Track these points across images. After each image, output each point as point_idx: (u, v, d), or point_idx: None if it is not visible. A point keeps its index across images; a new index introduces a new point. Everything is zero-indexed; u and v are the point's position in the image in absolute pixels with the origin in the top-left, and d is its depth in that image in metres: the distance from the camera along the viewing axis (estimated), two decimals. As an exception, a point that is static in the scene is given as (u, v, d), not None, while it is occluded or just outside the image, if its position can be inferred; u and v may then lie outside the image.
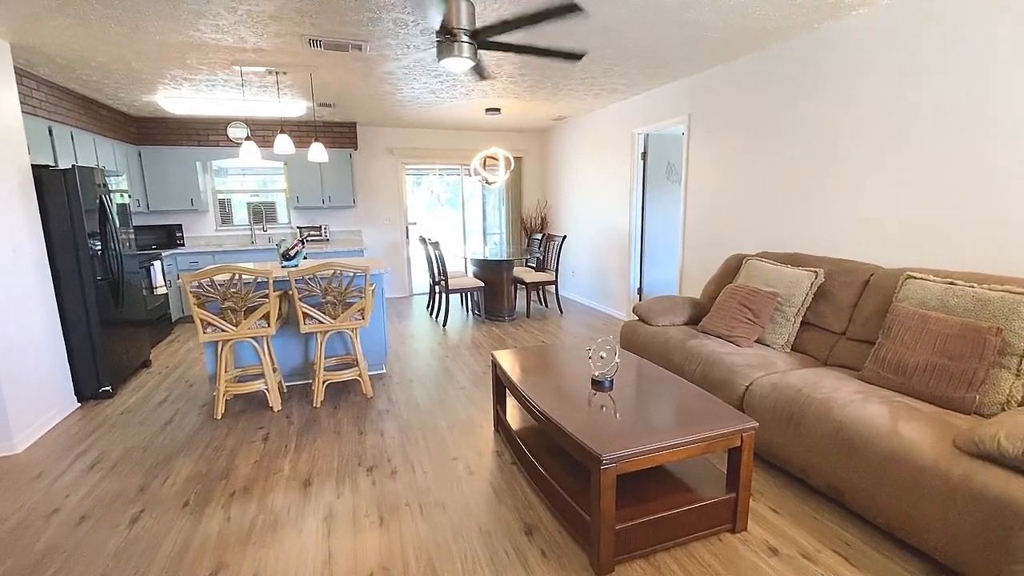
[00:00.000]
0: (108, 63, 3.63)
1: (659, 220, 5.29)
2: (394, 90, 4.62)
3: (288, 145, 4.00)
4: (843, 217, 3.13)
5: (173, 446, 2.88)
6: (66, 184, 3.40)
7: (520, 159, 7.53)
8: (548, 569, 1.85)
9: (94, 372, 3.61)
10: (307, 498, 2.33)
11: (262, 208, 6.64)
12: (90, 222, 3.56)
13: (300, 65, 3.77)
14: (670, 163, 5.06)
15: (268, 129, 6.19)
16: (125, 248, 4.12)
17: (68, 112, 4.26)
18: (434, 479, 2.47)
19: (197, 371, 4.19)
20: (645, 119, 4.97)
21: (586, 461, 1.79)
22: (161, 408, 3.43)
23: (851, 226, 3.09)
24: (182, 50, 3.35)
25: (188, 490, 2.43)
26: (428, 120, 6.31)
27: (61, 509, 2.31)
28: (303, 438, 2.93)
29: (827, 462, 2.09)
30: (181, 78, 4.08)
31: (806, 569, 1.83)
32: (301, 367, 3.85)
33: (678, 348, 3.02)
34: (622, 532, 1.82)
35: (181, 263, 5.81)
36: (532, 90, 4.71)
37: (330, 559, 1.93)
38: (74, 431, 3.12)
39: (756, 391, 2.47)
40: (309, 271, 3.20)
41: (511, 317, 5.80)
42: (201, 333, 3.08)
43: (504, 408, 2.86)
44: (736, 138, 3.91)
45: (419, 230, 7.52)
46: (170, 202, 5.95)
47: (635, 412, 2.06)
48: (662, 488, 2.06)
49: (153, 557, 1.96)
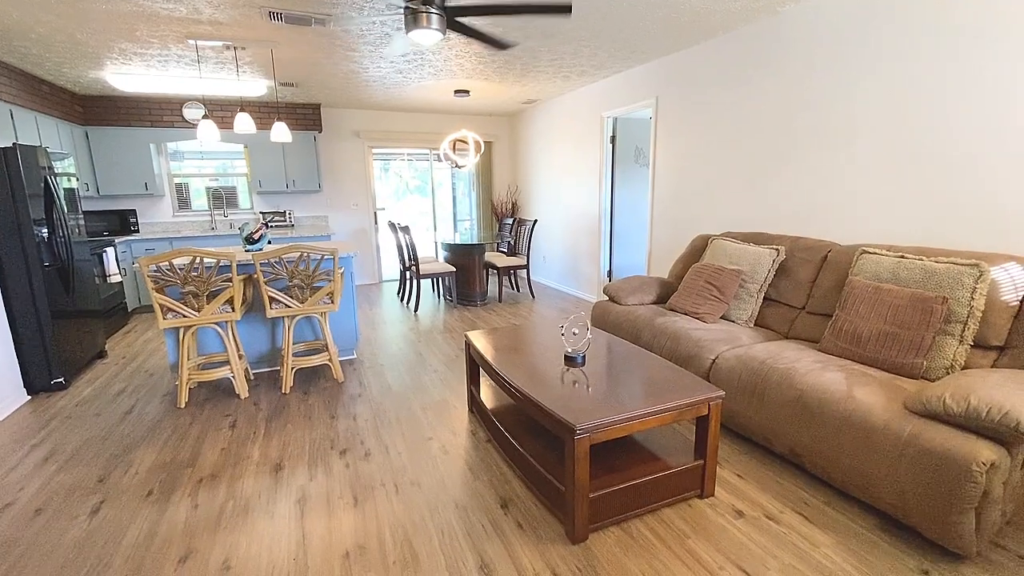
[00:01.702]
0: (49, 34, 3.40)
1: (628, 203, 5.36)
2: (360, 69, 4.50)
3: (249, 124, 3.85)
4: (803, 197, 3.24)
5: (134, 436, 2.77)
6: (7, 164, 3.18)
7: (490, 144, 7.47)
8: (525, 540, 1.88)
9: (45, 363, 3.42)
10: (278, 483, 2.29)
11: (222, 193, 6.39)
12: (35, 206, 3.36)
13: (260, 40, 3.62)
14: (638, 147, 5.12)
15: (227, 110, 5.93)
16: (74, 234, 3.90)
17: (5, 88, 3.98)
18: (409, 459, 2.47)
19: (157, 360, 4.04)
20: (614, 102, 5.01)
21: (561, 433, 1.82)
22: (119, 399, 3.30)
23: (810, 205, 3.20)
24: (131, 20, 3.17)
25: (152, 479, 2.35)
26: (396, 102, 6.18)
27: (14, 503, 2.20)
28: (272, 424, 2.87)
29: (788, 428, 2.19)
30: (131, 52, 3.86)
31: (770, 529, 1.91)
32: (268, 353, 3.76)
33: (647, 326, 3.08)
34: (596, 500, 1.87)
35: (136, 250, 5.55)
36: (501, 72, 4.66)
37: (304, 540, 1.90)
38: (25, 424, 2.97)
39: (722, 364, 2.56)
40: (274, 254, 3.11)
41: (483, 302, 5.80)
42: (161, 319, 2.96)
43: (478, 388, 2.87)
44: (701, 121, 3.99)
45: (388, 216, 7.40)
46: (122, 186, 5.65)
47: (607, 385, 2.10)
48: (633, 458, 2.12)
49: (117, 546, 1.90)
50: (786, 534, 1.89)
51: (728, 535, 1.89)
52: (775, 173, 3.41)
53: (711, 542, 1.85)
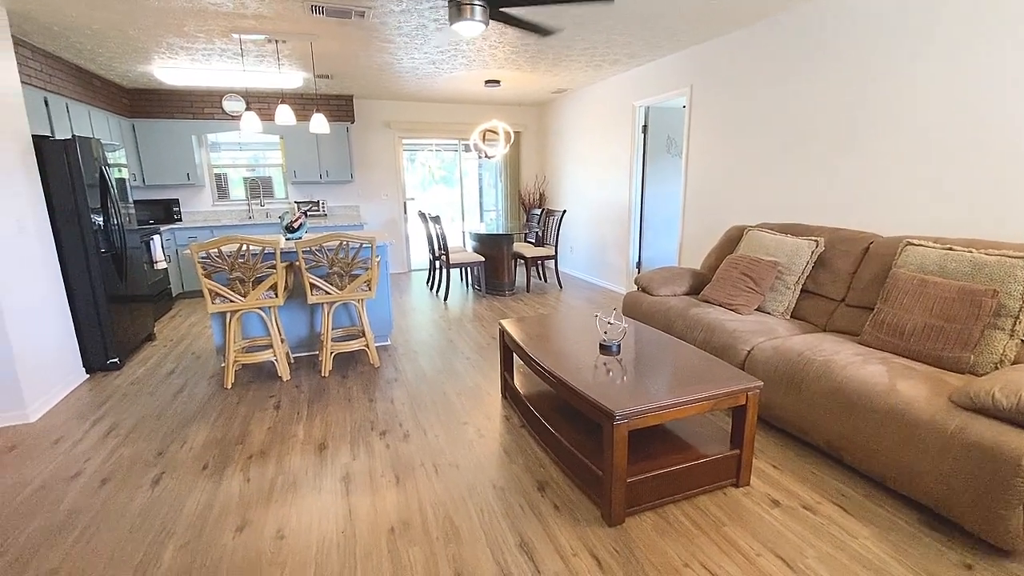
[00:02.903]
0: (104, 30, 3.55)
1: (659, 194, 5.31)
2: (394, 60, 4.56)
3: (289, 116, 3.96)
4: (843, 187, 3.17)
5: (186, 414, 2.93)
6: (67, 155, 3.36)
7: (519, 134, 7.47)
8: (562, 521, 1.93)
9: (101, 344, 3.63)
10: (323, 460, 2.40)
11: (259, 183, 6.58)
12: (92, 196, 3.54)
13: (300, 33, 3.71)
14: (670, 136, 5.06)
15: (264, 102, 6.09)
16: (126, 223, 4.09)
17: (63, 82, 4.18)
18: (446, 442, 2.55)
19: (202, 343, 4.23)
20: (646, 91, 4.95)
21: (599, 419, 1.86)
22: (170, 379, 3.47)
23: (850, 196, 3.13)
24: (180, 16, 3.29)
25: (206, 454, 2.49)
26: (426, 93, 6.23)
27: (82, 473, 2.36)
28: (314, 405, 2.99)
29: (826, 420, 2.18)
30: (178, 47, 4.00)
31: (807, 519, 1.92)
32: (307, 338, 3.89)
33: (680, 316, 3.08)
34: (632, 485, 1.90)
35: (179, 238, 5.78)
36: (534, 60, 4.66)
37: (351, 515, 2.00)
38: (86, 401, 3.16)
39: (757, 355, 2.55)
40: (316, 242, 3.21)
41: (511, 291, 5.85)
42: (209, 303, 3.11)
43: (512, 375, 2.93)
44: (737, 109, 3.92)
45: (416, 206, 7.50)
46: (166, 176, 5.89)
47: (644, 373, 2.13)
48: (668, 445, 2.14)
49: (178, 515, 2.03)
50: (824, 524, 1.89)
51: (764, 523, 1.90)
52: (813, 163, 3.35)
53: (747, 529, 1.87)
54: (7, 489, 2.24)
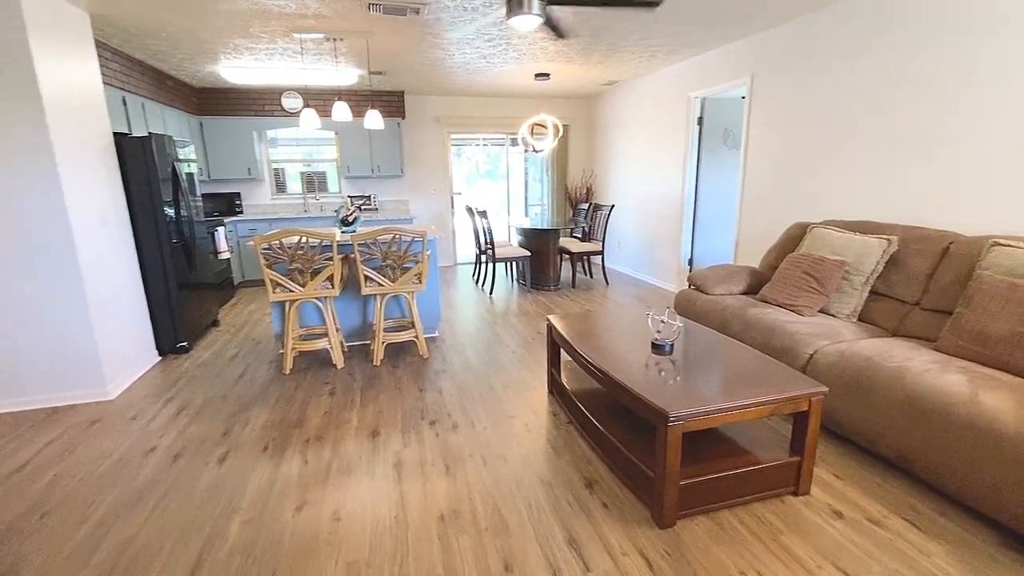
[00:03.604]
0: (176, 33, 3.77)
1: (714, 188, 5.13)
2: (446, 56, 4.61)
3: (346, 112, 4.09)
4: (917, 183, 2.96)
5: (248, 397, 3.09)
6: (144, 151, 3.60)
7: (567, 127, 7.40)
8: (611, 520, 1.91)
9: (172, 329, 3.88)
10: (376, 447, 2.48)
11: (314, 177, 6.83)
12: (165, 189, 3.77)
13: (357, 31, 3.80)
14: (727, 128, 4.87)
15: (320, 98, 6.30)
16: (195, 215, 4.35)
17: (139, 83, 4.47)
18: (494, 434, 2.57)
19: (262, 330, 4.44)
20: (703, 82, 4.78)
21: (652, 419, 1.83)
22: (233, 363, 3.67)
23: (925, 192, 2.92)
24: (246, 18, 3.44)
25: (266, 436, 2.62)
26: (476, 87, 6.26)
27: (156, 448, 2.54)
28: (367, 393, 3.09)
29: (897, 431, 2.05)
30: (243, 47, 4.19)
31: (873, 533, 1.82)
32: (359, 328, 4.02)
33: (737, 317, 2.97)
34: (685, 488, 1.86)
35: (240, 230, 6.09)
36: (586, 52, 4.59)
37: (402, 500, 2.05)
38: (158, 381, 3.39)
39: (821, 360, 2.42)
40: (370, 235, 3.30)
41: (556, 287, 5.82)
42: (271, 293, 3.26)
43: (559, 370, 2.92)
44: (801, 100, 3.72)
45: (462, 201, 7.58)
46: (229, 171, 6.20)
47: (699, 374, 2.07)
48: (723, 449, 2.08)
49: (243, 491, 2.15)
50: (891, 540, 1.79)
51: (825, 535, 1.82)
52: (883, 157, 3.13)
53: (807, 540, 1.79)
54: (90, 461, 2.44)
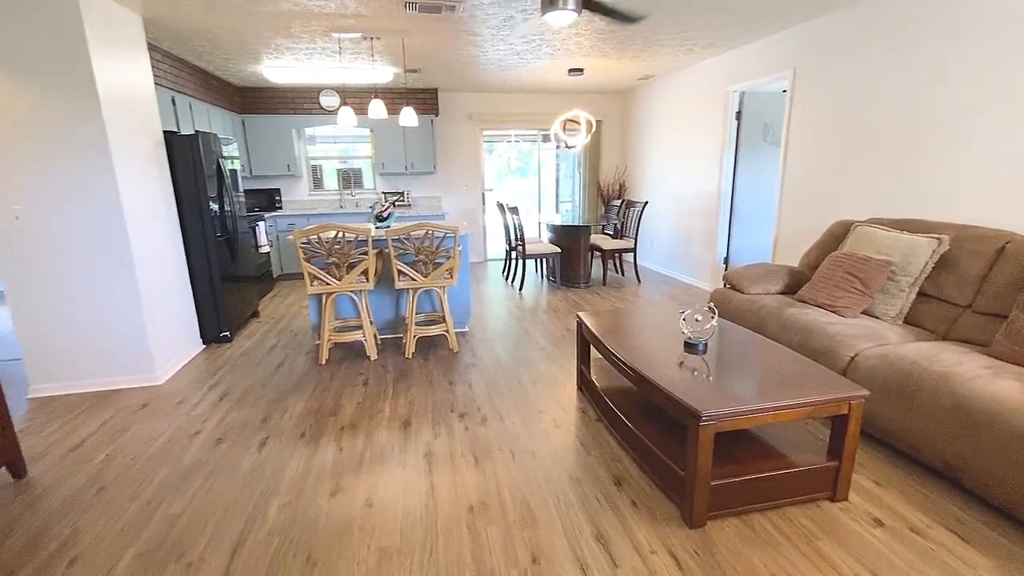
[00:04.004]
0: (222, 35, 3.92)
1: (751, 185, 4.99)
2: (479, 52, 4.63)
3: (381, 110, 4.17)
4: (968, 180, 2.81)
5: (286, 385, 3.20)
6: (191, 149, 3.76)
7: (600, 123, 7.33)
8: (639, 518, 1.90)
9: (215, 319, 4.05)
10: (407, 437, 2.53)
11: (350, 174, 6.99)
12: (210, 185, 3.93)
13: (393, 30, 3.87)
14: (767, 123, 4.73)
15: (357, 96, 6.44)
16: (237, 210, 4.52)
17: (186, 83, 4.67)
18: (522, 429, 2.59)
19: (299, 322, 4.59)
20: (742, 75, 4.66)
21: (684, 418, 1.81)
22: (272, 353, 3.81)
23: (979, 190, 2.77)
24: (288, 19, 3.55)
25: (303, 423, 2.71)
26: (509, 84, 6.28)
27: (202, 432, 2.66)
28: (399, 385, 3.16)
29: (943, 439, 1.96)
30: (284, 47, 4.32)
31: (914, 542, 1.75)
32: (392, 321, 4.10)
33: (774, 317, 2.89)
34: (716, 489, 1.83)
35: (280, 225, 6.29)
36: (620, 47, 4.54)
37: (432, 490, 2.10)
38: (203, 368, 3.55)
39: (862, 363, 2.34)
40: (404, 231, 3.37)
41: (586, 284, 5.79)
42: (309, 286, 3.36)
43: (589, 367, 2.91)
44: (846, 93, 3.58)
45: (493, 197, 7.61)
46: (269, 168, 6.41)
47: (733, 374, 2.03)
48: (757, 450, 2.04)
49: (282, 476, 2.23)
50: (934, 550, 1.72)
51: (864, 542, 1.76)
52: (932, 154, 2.98)
53: (843, 547, 1.74)
54: (141, 441, 2.58)
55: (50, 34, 2.77)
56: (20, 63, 2.78)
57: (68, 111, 2.87)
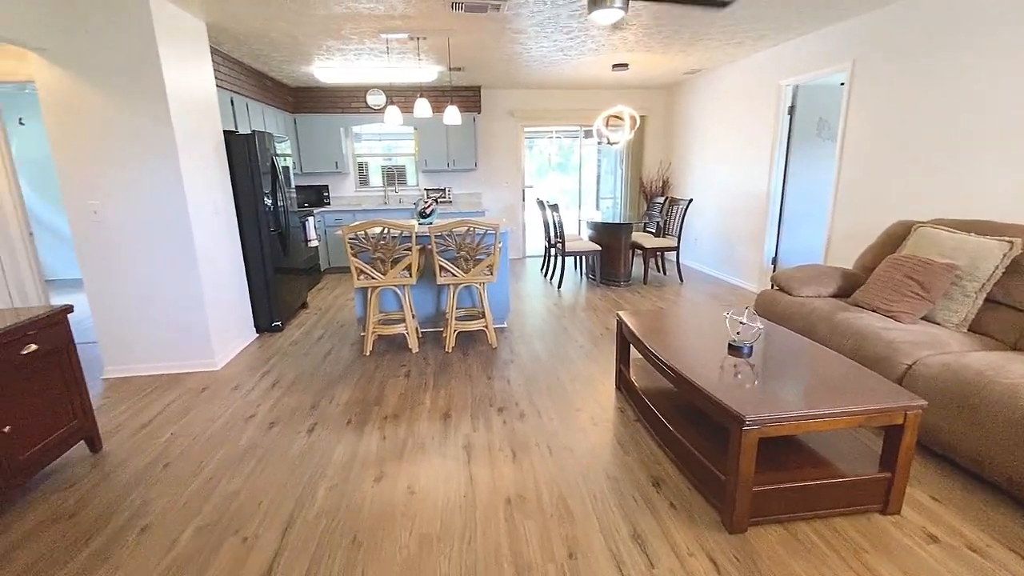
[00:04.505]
0: (278, 38, 4.09)
1: (803, 182, 4.80)
2: (523, 50, 4.65)
3: (426, 108, 4.26)
4: (1055, 177, 2.61)
5: (333, 374, 3.34)
6: (248, 147, 3.96)
7: (643, 118, 7.20)
8: (678, 520, 1.89)
9: (268, 309, 4.26)
10: (447, 428, 2.60)
11: (394, 171, 7.17)
12: (265, 182, 4.13)
13: (439, 30, 3.94)
14: (822, 118, 4.52)
15: (402, 95, 6.58)
16: (289, 205, 4.72)
17: (244, 84, 4.91)
18: (560, 425, 2.61)
19: (345, 314, 4.76)
20: (796, 68, 4.47)
21: (726, 422, 1.78)
22: (320, 342, 3.97)
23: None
24: (340, 21, 3.67)
25: (349, 411, 2.82)
26: (551, 80, 6.26)
27: (256, 415, 2.82)
28: (439, 377, 3.24)
29: (1009, 454, 1.85)
30: (335, 48, 4.47)
31: (972, 561, 1.66)
32: (433, 316, 4.20)
33: (824, 320, 2.79)
34: (758, 495, 1.80)
35: (328, 220, 6.52)
36: (667, 42, 4.45)
37: (471, 481, 2.15)
38: (256, 356, 3.75)
39: (921, 371, 2.23)
40: (446, 227, 3.43)
41: (627, 282, 5.72)
42: (355, 279, 3.49)
43: (628, 367, 2.89)
44: (909, 87, 3.38)
45: (533, 193, 7.62)
46: (319, 165, 6.65)
47: (779, 378, 1.98)
48: (802, 458, 1.98)
49: (329, 460, 2.34)
50: (994, 570, 1.63)
51: (916, 559, 1.69)
52: (1003, 150, 2.78)
53: (894, 562, 1.67)
54: (202, 422, 2.76)
55: (125, 41, 2.98)
56: (97, 69, 3.00)
57: (140, 113, 3.09)
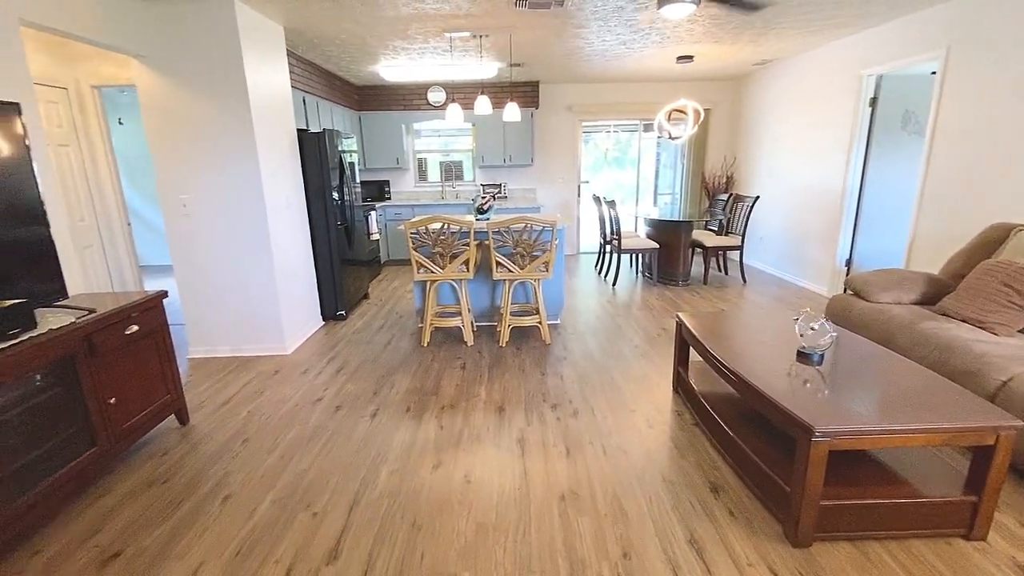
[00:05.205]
0: (348, 40, 4.27)
1: (884, 180, 4.47)
2: (585, 44, 4.60)
3: (487, 105, 4.31)
4: None
5: (393, 363, 3.48)
6: (318, 144, 4.17)
7: (708, 111, 6.94)
8: (737, 529, 1.84)
9: (333, 298, 4.48)
10: (502, 422, 2.65)
11: (452, 166, 7.31)
12: (333, 177, 4.34)
13: (502, 27, 3.97)
14: (908, 110, 4.19)
15: (461, 92, 6.69)
16: (354, 199, 4.93)
17: (315, 84, 5.16)
18: (614, 425, 2.60)
19: (404, 305, 4.93)
20: (880, 56, 4.17)
21: (793, 432, 1.71)
22: (381, 332, 4.14)
23: None
24: (407, 22, 3.78)
25: (408, 400, 2.94)
26: (612, 74, 6.16)
27: (323, 399, 2.99)
28: (493, 371, 3.30)
29: (1124, 486, 1.67)
30: (400, 48, 4.61)
31: (1075, 601, 1.52)
32: (487, 310, 4.27)
33: (905, 329, 2.60)
34: (826, 509, 1.72)
35: (388, 214, 6.75)
36: (737, 32, 4.26)
37: (526, 474, 2.19)
38: (322, 342, 3.96)
39: (1017, 388, 2.04)
40: (504, 223, 3.48)
41: (685, 282, 5.57)
42: (415, 273, 3.60)
43: (687, 370, 2.83)
44: (1013, 76, 3.07)
45: (588, 189, 7.53)
46: (381, 161, 6.89)
47: (852, 389, 1.88)
48: (876, 474, 1.87)
49: (390, 445, 2.45)
50: (1102, 615, 1.48)
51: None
52: None
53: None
54: (275, 403, 2.95)
55: (214, 47, 3.22)
56: (189, 73, 3.26)
57: (225, 114, 3.32)
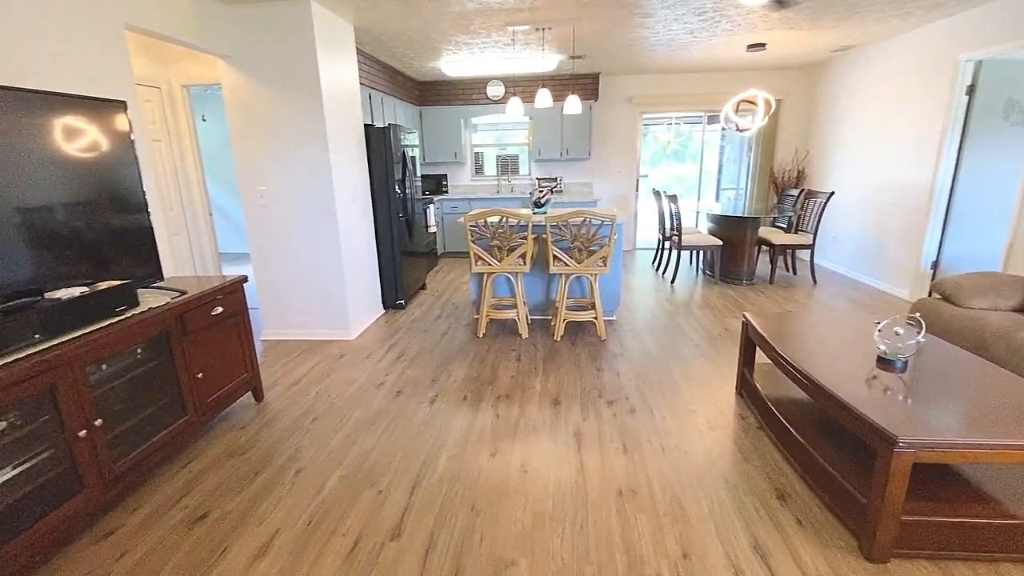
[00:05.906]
0: (413, 36, 4.38)
1: (980, 175, 4.08)
2: (650, 34, 4.48)
3: (547, 99, 4.30)
4: None
5: (450, 352, 3.57)
6: (384, 139, 4.31)
7: (778, 102, 6.59)
8: (805, 538, 1.76)
9: (393, 288, 4.64)
10: (557, 415, 2.66)
11: (507, 160, 7.35)
12: (396, 171, 4.48)
13: (565, 19, 3.94)
14: (1012, 98, 3.79)
15: (519, 85, 6.70)
16: (415, 193, 5.07)
17: (380, 80, 5.33)
18: (673, 424, 2.54)
19: (460, 296, 5.03)
20: (979, 40, 3.80)
21: (872, 441, 1.61)
22: (438, 322, 4.25)
23: None
24: (470, 17, 3.83)
25: (465, 388, 3.00)
26: (677, 64, 5.97)
27: (385, 383, 3.11)
28: (548, 364, 3.31)
29: None
30: (462, 43, 4.68)
31: None
32: (542, 304, 4.28)
33: (1001, 338, 2.38)
34: (907, 525, 1.61)
35: (445, 208, 6.89)
36: (816, 16, 4.01)
37: (582, 468, 2.19)
38: (384, 330, 4.11)
39: None
40: (562, 217, 3.47)
41: (749, 281, 5.34)
42: (473, 265, 3.67)
43: (752, 372, 2.72)
44: None
45: (647, 183, 7.36)
46: (440, 155, 7.04)
47: (940, 399, 1.75)
48: (963, 491, 1.73)
49: (448, 431, 2.52)
50: None
51: (1121, 631, 1.41)
52: None
53: (1087, 629, 1.42)
54: (341, 385, 3.11)
55: (291, 47, 3.39)
56: (268, 72, 3.45)
57: (300, 110, 3.50)
